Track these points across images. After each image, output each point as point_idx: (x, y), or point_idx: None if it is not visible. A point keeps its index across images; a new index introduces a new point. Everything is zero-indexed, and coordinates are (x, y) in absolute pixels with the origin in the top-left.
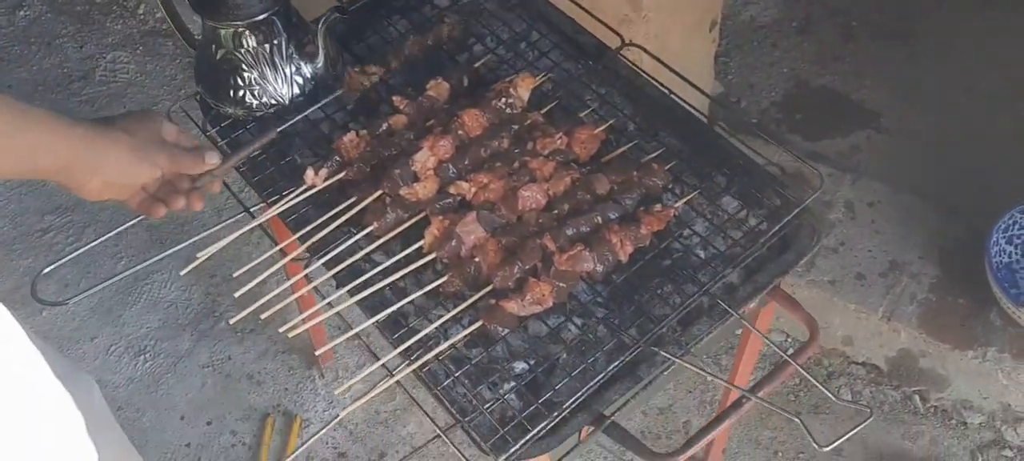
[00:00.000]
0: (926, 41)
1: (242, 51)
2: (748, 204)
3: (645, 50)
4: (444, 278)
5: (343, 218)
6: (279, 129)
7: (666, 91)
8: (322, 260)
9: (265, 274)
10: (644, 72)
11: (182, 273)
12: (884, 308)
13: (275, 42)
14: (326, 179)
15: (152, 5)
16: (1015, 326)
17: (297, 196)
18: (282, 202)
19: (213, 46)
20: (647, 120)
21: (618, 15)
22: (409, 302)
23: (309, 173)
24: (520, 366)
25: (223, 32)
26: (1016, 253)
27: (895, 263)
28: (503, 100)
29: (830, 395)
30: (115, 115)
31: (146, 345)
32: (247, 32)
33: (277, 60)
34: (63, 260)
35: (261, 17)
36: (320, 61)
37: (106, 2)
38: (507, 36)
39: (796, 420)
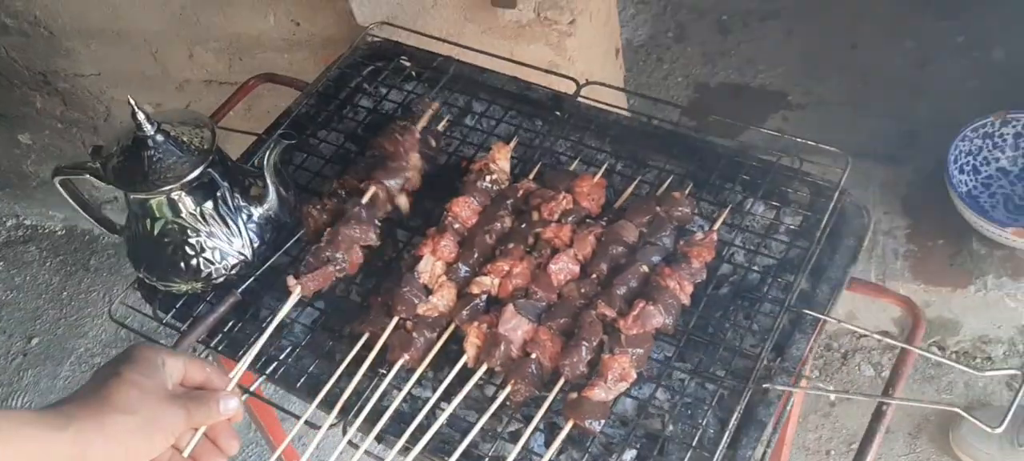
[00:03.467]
0: (796, 12)
1: (183, 216)
2: (778, 203)
3: (606, 84)
4: (507, 388)
5: (362, 365)
6: (240, 290)
7: (643, 117)
8: (358, 419)
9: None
10: (608, 105)
11: None
12: (874, 273)
13: (218, 195)
14: (312, 289)
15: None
16: (999, 247)
17: (281, 326)
18: (267, 369)
19: (146, 221)
20: (631, 154)
21: (545, 63)
22: (477, 432)
23: (291, 280)
24: (629, 455)
25: (155, 202)
26: (970, 180)
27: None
28: (486, 178)
29: (969, 370)
30: (103, 378)
31: None
32: (183, 195)
33: (225, 214)
34: None
35: (195, 173)
36: (272, 201)
37: None
38: (449, 115)
39: (959, 411)
